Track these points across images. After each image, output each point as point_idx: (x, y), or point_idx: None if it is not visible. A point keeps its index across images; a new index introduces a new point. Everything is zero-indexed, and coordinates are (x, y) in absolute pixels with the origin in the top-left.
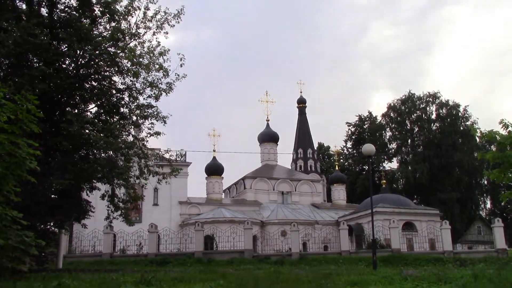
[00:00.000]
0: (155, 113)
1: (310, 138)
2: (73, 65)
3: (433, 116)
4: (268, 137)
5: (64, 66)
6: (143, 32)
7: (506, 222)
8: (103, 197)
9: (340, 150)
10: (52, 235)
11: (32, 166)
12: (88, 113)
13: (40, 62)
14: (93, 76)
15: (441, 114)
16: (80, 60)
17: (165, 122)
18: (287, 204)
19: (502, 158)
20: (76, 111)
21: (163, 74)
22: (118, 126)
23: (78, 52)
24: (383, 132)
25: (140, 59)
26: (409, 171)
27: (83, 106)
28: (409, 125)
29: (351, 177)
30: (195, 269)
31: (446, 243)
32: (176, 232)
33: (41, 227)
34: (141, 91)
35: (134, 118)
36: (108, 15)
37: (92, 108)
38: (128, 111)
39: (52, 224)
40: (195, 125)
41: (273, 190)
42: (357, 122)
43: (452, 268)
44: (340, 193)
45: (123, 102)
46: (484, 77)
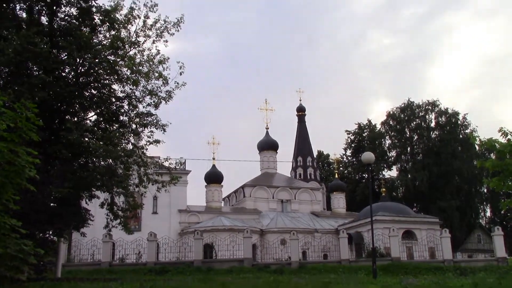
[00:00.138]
0: (155, 121)
1: (310, 146)
2: (73, 73)
3: (433, 124)
4: (268, 145)
5: (64, 74)
6: (143, 41)
7: (506, 231)
8: (102, 206)
9: (340, 158)
10: (51, 244)
11: (31, 175)
12: (88, 121)
13: (40, 70)
14: (93, 84)
15: (440, 122)
16: (80, 68)
17: (165, 130)
18: (287, 213)
19: (502, 166)
20: (76, 119)
21: (163, 82)
22: (118, 134)
23: (78, 60)
24: (383, 140)
25: (140, 67)
26: (409, 179)
27: (83, 114)
28: (409, 133)
29: (351, 185)
30: (194, 278)
31: (446, 252)
32: (175, 241)
33: (40, 236)
34: (141, 99)
35: (134, 126)
36: (108, 24)
37: (92, 116)
38: (128, 119)
39: (51, 233)
40: (195, 133)
41: (273, 198)
42: (357, 130)
43: (452, 277)
44: (340, 201)
45: (123, 110)
46: (483, 85)
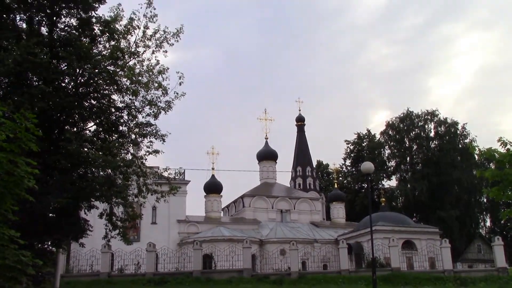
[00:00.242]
0: (154, 131)
1: (309, 156)
2: (73, 84)
3: (432, 134)
4: (267, 155)
5: (64, 85)
6: (143, 51)
7: (506, 240)
8: (101, 216)
9: (339, 168)
10: (50, 255)
11: (30, 185)
12: (87, 132)
13: (40, 81)
14: (92, 95)
15: (440, 132)
16: (80, 79)
17: (164, 141)
18: (286, 223)
19: (501, 176)
20: (75, 130)
21: (162, 93)
22: (117, 145)
23: (78, 71)
24: (382, 150)
25: (139, 78)
26: (408, 189)
27: (82, 125)
28: (408, 143)
29: (350, 195)
30: None
31: (446, 262)
32: (175, 251)
33: (39, 246)
34: (140, 110)
35: (133, 137)
36: (108, 34)
37: (91, 127)
38: (127, 130)
39: (50, 243)
40: (194, 143)
41: (272, 209)
42: (356, 140)
43: (453, 287)
44: (339, 211)
45: (122, 121)
46: (482, 95)
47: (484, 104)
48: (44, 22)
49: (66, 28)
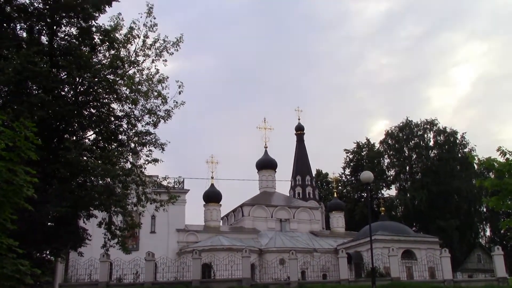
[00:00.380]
0: (153, 140)
1: (308, 165)
2: (72, 92)
3: (431, 143)
4: (266, 164)
5: (63, 93)
6: (142, 60)
7: (506, 250)
8: (100, 225)
9: (339, 177)
10: (48, 264)
11: (29, 194)
12: (86, 140)
13: (39, 90)
14: (92, 103)
15: (439, 141)
16: (79, 88)
17: (163, 149)
18: (286, 232)
19: (501, 186)
20: (74, 138)
21: (162, 102)
22: (116, 153)
23: (77, 80)
24: (381, 159)
25: (139, 87)
26: (408, 198)
27: (82, 133)
28: (407, 152)
29: (350, 204)
30: None
31: (446, 272)
32: (173, 260)
33: (37, 256)
34: (140, 118)
35: (132, 145)
36: (108, 43)
37: (91, 135)
38: (127, 138)
39: (48, 252)
40: (193, 152)
41: (272, 218)
42: (355, 149)
43: None
44: (339, 221)
45: (122, 129)
46: (481, 105)
47: (483, 114)
48: (44, 31)
49: (66, 37)
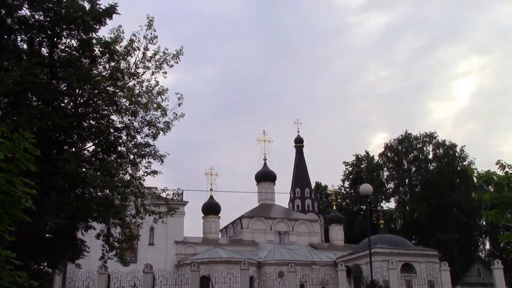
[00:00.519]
0: (153, 152)
1: (308, 177)
2: (72, 104)
3: (430, 156)
4: (266, 176)
5: (63, 105)
6: (142, 72)
7: (506, 264)
8: (98, 237)
9: (338, 190)
10: (45, 275)
11: (28, 205)
12: (86, 152)
13: (39, 101)
14: (92, 115)
15: (438, 154)
16: (79, 99)
17: (163, 161)
18: (285, 244)
19: (500, 199)
20: (74, 150)
21: (161, 113)
22: (115, 165)
23: (77, 91)
24: (381, 172)
25: (139, 98)
26: (407, 211)
27: (81, 145)
28: (406, 165)
29: (349, 217)
30: None
31: (446, 285)
32: (172, 273)
33: (35, 267)
34: (139, 130)
35: (132, 157)
36: (108, 55)
37: (90, 147)
38: (126, 150)
39: (46, 264)
40: (192, 164)
41: (270, 230)
42: (354, 162)
43: None
44: (338, 233)
45: (121, 141)
46: (480, 118)
47: (482, 127)
48: (45, 43)
49: (67, 49)
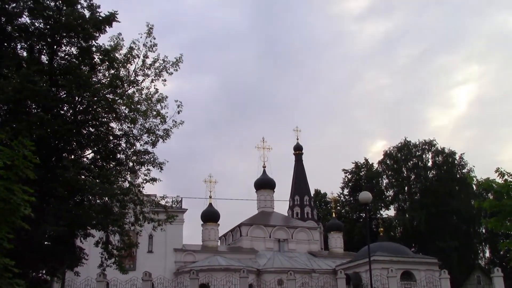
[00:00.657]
0: (152, 160)
1: (307, 185)
2: (71, 111)
3: (429, 164)
4: (265, 184)
5: (62, 112)
6: (142, 80)
7: (506, 272)
8: (97, 244)
9: (337, 197)
10: (44, 283)
11: (26, 213)
12: (85, 159)
13: (39, 108)
14: (91, 122)
15: (437, 162)
16: (79, 106)
17: (162, 169)
18: (284, 252)
19: (499, 207)
20: (73, 157)
21: (161, 121)
22: (114, 172)
23: (77, 99)
24: (380, 180)
25: (138, 106)
26: (406, 219)
27: (80, 152)
28: (406, 173)
29: (348, 225)
30: None
31: None
32: (171, 281)
33: (33, 275)
34: (138, 138)
35: (131, 164)
36: (108, 63)
37: (89, 154)
38: (125, 157)
39: (45, 272)
40: (192, 171)
41: (270, 238)
42: (354, 169)
43: None
44: (337, 241)
45: (120, 148)
46: (479, 125)
47: (482, 134)
48: (45, 51)
49: (66, 57)
